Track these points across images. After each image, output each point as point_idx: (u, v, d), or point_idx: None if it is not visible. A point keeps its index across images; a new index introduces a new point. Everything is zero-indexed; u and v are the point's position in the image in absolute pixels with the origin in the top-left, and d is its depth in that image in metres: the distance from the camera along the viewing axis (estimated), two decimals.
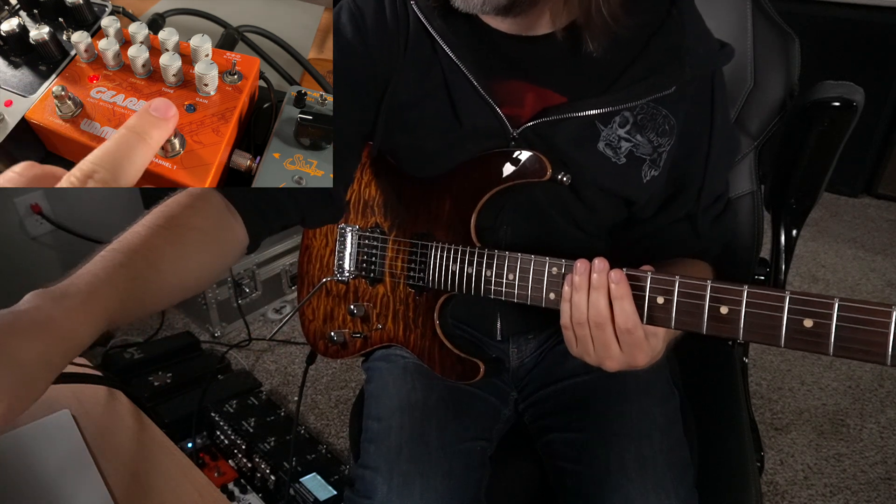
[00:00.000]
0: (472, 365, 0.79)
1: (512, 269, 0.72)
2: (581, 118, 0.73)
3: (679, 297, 0.61)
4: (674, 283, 0.62)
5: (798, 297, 0.55)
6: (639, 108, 0.74)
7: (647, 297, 0.63)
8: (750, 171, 0.96)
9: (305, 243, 0.96)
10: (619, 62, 0.73)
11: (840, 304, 0.54)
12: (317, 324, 0.94)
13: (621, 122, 0.74)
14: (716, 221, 0.83)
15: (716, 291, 0.59)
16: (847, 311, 0.54)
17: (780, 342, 0.57)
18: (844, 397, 1.71)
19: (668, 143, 0.75)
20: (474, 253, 0.75)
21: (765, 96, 0.92)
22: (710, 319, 0.60)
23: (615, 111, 0.73)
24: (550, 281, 0.69)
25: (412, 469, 0.75)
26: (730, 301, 0.59)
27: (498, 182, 0.75)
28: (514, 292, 0.72)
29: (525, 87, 0.76)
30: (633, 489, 0.73)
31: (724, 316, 0.59)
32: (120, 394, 0.77)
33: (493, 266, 0.73)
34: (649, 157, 0.75)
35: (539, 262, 0.70)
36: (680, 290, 0.61)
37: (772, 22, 0.91)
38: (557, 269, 0.68)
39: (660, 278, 0.63)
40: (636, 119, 0.74)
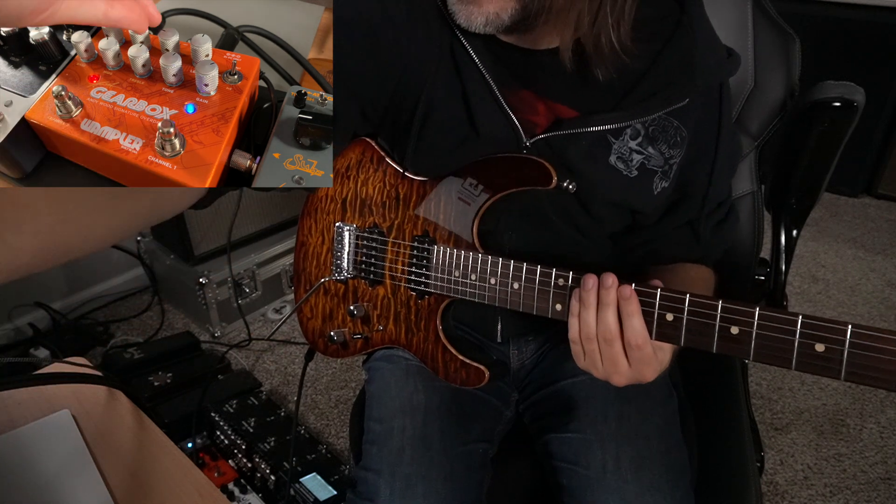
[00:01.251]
0: (477, 371, 0.78)
1: (517, 279, 0.71)
2: (593, 133, 0.73)
3: (689, 314, 0.61)
4: (683, 301, 0.61)
5: (810, 322, 0.55)
6: (650, 121, 0.73)
7: (657, 313, 0.62)
8: (750, 171, 0.96)
9: (301, 240, 0.95)
10: (631, 75, 0.72)
11: (853, 330, 0.53)
12: (315, 322, 0.94)
13: (633, 135, 0.73)
14: (718, 227, 0.82)
15: (726, 311, 0.59)
16: (860, 337, 0.53)
17: (791, 365, 0.56)
18: (844, 397, 1.71)
19: (680, 154, 0.75)
20: (478, 259, 0.74)
21: (765, 96, 0.92)
22: (721, 339, 0.60)
23: (627, 125, 0.73)
24: (556, 292, 0.68)
25: (414, 472, 0.75)
26: (741, 322, 0.58)
27: (502, 187, 0.74)
28: (519, 301, 0.71)
29: (536, 99, 0.75)
30: (629, 490, 0.73)
31: (735, 336, 0.59)
32: (120, 394, 0.77)
33: (497, 274, 0.72)
34: (661, 170, 0.75)
35: (545, 273, 0.69)
36: (690, 307, 0.61)
37: (772, 22, 0.91)
38: (564, 281, 0.68)
39: (669, 295, 0.62)
40: (648, 131, 0.73)
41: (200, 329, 1.97)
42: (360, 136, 0.85)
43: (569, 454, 0.79)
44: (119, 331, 1.97)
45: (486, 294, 0.74)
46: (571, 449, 0.79)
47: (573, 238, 0.81)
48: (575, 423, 0.81)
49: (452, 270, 0.76)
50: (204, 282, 1.84)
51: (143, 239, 2.03)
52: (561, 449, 0.81)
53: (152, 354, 1.75)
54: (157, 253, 1.99)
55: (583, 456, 0.78)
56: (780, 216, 0.95)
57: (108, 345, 1.91)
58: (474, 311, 0.87)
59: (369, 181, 0.86)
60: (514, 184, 0.73)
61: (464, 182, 0.78)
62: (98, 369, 0.77)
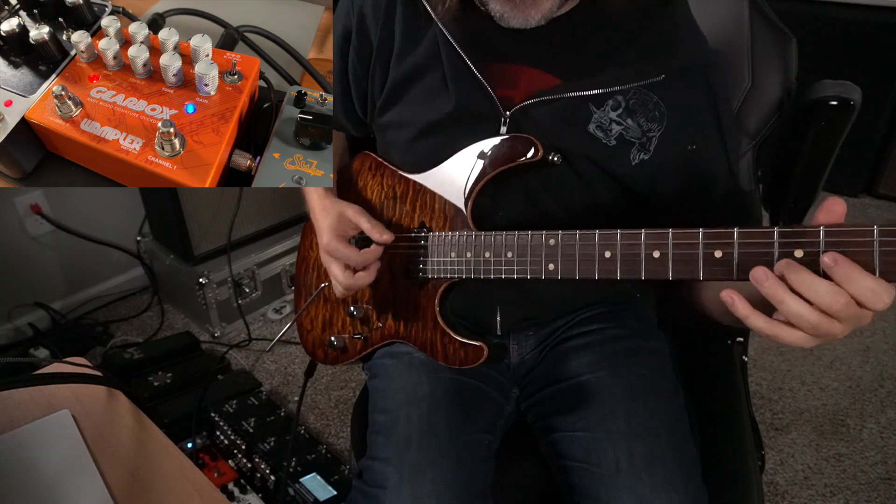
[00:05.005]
0: (475, 348, 0.79)
1: (510, 248, 0.72)
2: (572, 99, 0.75)
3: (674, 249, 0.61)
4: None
5: (786, 231, 0.55)
6: (631, 93, 0.76)
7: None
8: (748, 170, 0.96)
9: (303, 255, 0.96)
10: (613, 48, 0.76)
11: (825, 230, 0.54)
12: (315, 333, 0.94)
13: (614, 106, 0.76)
14: None
15: (707, 237, 0.59)
16: (833, 235, 0.54)
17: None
18: (844, 397, 1.71)
19: (658, 129, 0.77)
20: (472, 236, 0.76)
21: (762, 96, 0.92)
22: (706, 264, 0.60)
23: (608, 94, 0.75)
24: (548, 252, 0.70)
25: (422, 458, 0.76)
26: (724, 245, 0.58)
27: (491, 168, 0.76)
28: (513, 269, 0.73)
29: (519, 69, 0.78)
30: (643, 487, 0.73)
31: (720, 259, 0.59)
32: (120, 394, 0.77)
33: (491, 247, 0.74)
34: (638, 141, 0.77)
35: (536, 236, 0.70)
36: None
37: (769, 21, 0.91)
38: (555, 241, 0.69)
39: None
40: (628, 103, 0.76)
41: (200, 329, 1.97)
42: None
43: (578, 453, 0.79)
44: (119, 331, 1.97)
45: (482, 269, 0.75)
46: (581, 448, 0.79)
47: (565, 218, 0.82)
48: (583, 422, 0.81)
49: (448, 252, 0.78)
50: (204, 282, 1.84)
51: (142, 239, 2.03)
52: (570, 448, 0.81)
53: (152, 354, 1.75)
54: (157, 253, 1.99)
55: (594, 454, 0.78)
56: (779, 216, 0.95)
57: (108, 345, 1.91)
58: (473, 305, 0.88)
59: (368, 186, 0.87)
60: (502, 162, 0.75)
61: (453, 170, 0.79)
62: (98, 369, 0.77)
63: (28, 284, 1.89)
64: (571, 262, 0.68)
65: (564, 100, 0.75)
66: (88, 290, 2.03)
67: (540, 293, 0.88)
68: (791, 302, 0.55)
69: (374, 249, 0.80)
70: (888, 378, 1.76)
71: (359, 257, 0.79)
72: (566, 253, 0.68)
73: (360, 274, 0.80)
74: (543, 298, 0.89)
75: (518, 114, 0.77)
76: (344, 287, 0.81)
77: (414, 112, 0.82)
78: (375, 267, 0.80)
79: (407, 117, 0.82)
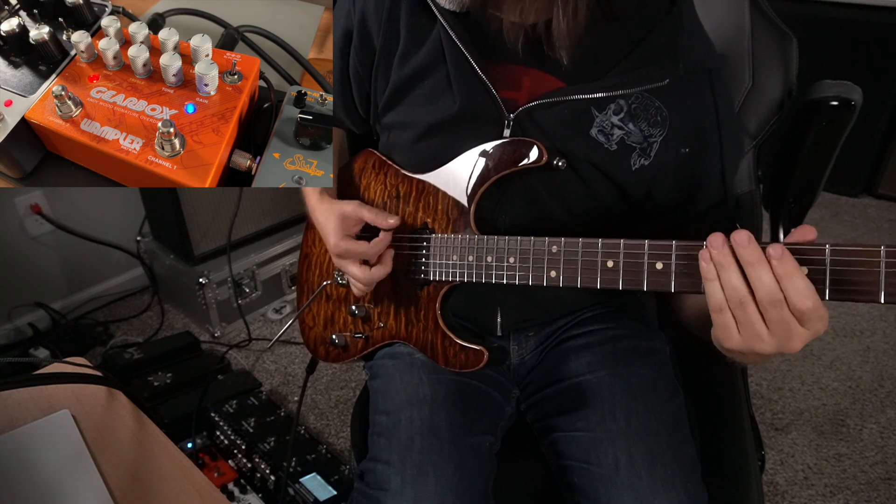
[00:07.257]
0: (476, 352, 0.79)
1: (512, 253, 0.72)
2: (576, 102, 0.75)
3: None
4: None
5: (790, 246, 0.55)
6: (633, 98, 0.75)
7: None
8: (748, 170, 0.96)
9: (305, 251, 0.96)
10: (618, 52, 0.75)
11: (831, 248, 0.54)
12: (317, 330, 0.94)
13: (616, 110, 0.76)
14: None
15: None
16: (838, 254, 0.54)
17: None
18: (844, 397, 1.71)
19: (660, 133, 0.77)
20: (474, 240, 0.76)
21: (763, 96, 0.92)
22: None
23: (610, 97, 0.75)
24: (550, 259, 0.70)
25: (424, 460, 0.76)
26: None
27: (495, 171, 0.76)
28: (515, 274, 0.73)
29: (524, 70, 0.77)
30: (643, 486, 0.73)
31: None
32: (120, 394, 0.77)
33: (493, 251, 0.74)
34: (639, 146, 0.77)
35: (539, 242, 0.70)
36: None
37: (770, 21, 0.91)
38: (557, 248, 0.69)
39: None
40: (630, 108, 0.76)
41: (200, 329, 1.97)
42: None
43: (578, 453, 0.80)
44: (119, 331, 1.97)
45: (484, 273, 0.75)
46: (581, 447, 0.80)
47: (568, 222, 0.82)
48: (583, 422, 0.81)
49: (450, 255, 0.78)
50: (204, 282, 1.84)
51: (142, 239, 2.03)
52: (570, 448, 0.81)
53: (152, 354, 1.75)
54: (157, 253, 1.99)
55: (594, 454, 0.78)
56: (779, 215, 0.95)
57: (108, 345, 1.91)
58: (474, 304, 0.88)
59: (371, 185, 0.87)
60: (507, 165, 0.75)
61: (456, 172, 0.79)
62: (98, 369, 0.77)
63: (28, 284, 1.89)
64: (574, 271, 0.68)
65: (568, 103, 0.75)
66: (88, 290, 2.03)
67: (540, 295, 0.88)
68: (733, 275, 0.56)
69: (383, 237, 0.80)
70: (888, 378, 1.76)
71: (371, 248, 0.79)
72: (568, 260, 0.68)
73: (377, 266, 0.80)
74: (544, 300, 0.89)
75: (522, 116, 0.76)
76: (364, 283, 0.81)
77: (417, 113, 0.81)
78: (390, 256, 0.80)
79: (410, 118, 0.82)
